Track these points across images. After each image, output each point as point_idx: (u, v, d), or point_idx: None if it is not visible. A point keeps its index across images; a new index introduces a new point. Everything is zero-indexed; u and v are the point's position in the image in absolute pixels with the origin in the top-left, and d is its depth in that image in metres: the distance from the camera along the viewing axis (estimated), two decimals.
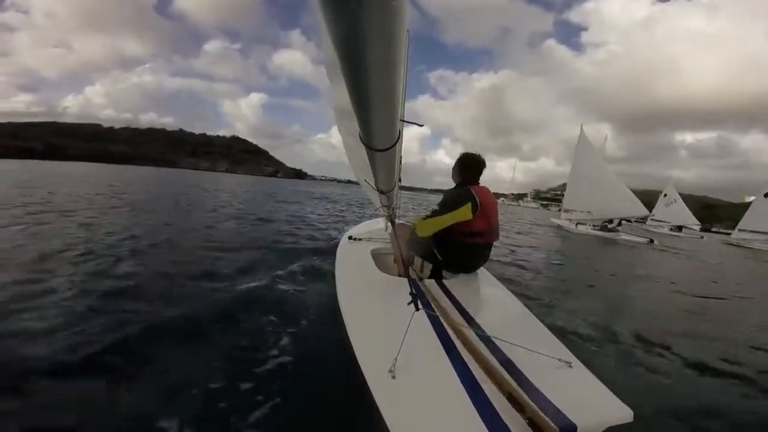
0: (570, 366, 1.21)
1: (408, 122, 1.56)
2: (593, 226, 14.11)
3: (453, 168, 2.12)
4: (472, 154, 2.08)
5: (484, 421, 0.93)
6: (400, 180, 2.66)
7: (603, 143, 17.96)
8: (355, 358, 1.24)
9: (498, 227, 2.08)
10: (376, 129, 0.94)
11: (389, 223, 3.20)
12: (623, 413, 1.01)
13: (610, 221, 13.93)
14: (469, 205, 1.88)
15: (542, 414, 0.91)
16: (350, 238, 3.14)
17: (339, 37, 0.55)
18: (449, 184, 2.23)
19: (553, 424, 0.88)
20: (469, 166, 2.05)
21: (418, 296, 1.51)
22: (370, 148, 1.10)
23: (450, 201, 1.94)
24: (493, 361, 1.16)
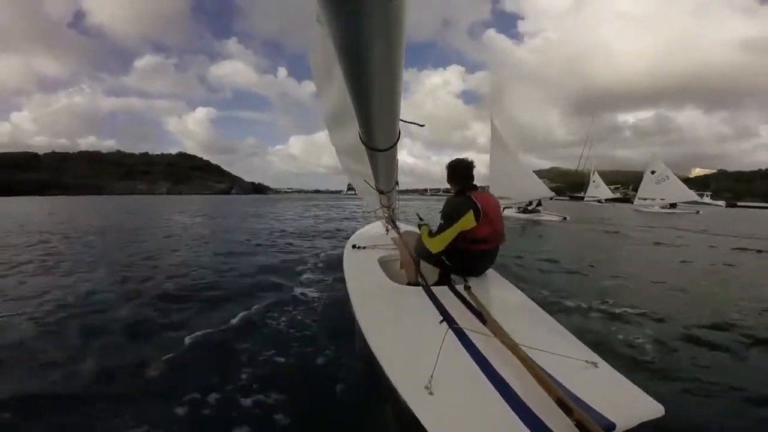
0: (596, 366, 1.33)
1: (408, 122, 1.59)
2: (518, 209, 16.44)
3: (447, 177, 2.32)
4: (459, 159, 2.31)
5: (528, 428, 1.01)
6: (397, 183, 2.86)
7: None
8: (384, 374, 1.33)
9: (503, 231, 2.28)
10: (378, 129, 1.04)
11: (392, 228, 3.73)
12: (655, 409, 1.13)
13: (530, 203, 16.17)
14: (471, 213, 2.04)
15: (588, 416, 0.99)
16: (354, 246, 3.28)
17: (340, 39, 0.59)
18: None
19: (598, 426, 0.95)
20: (459, 172, 2.27)
21: (444, 312, 1.68)
22: (371, 149, 1.20)
23: (452, 212, 2.08)
24: (538, 368, 1.23)
